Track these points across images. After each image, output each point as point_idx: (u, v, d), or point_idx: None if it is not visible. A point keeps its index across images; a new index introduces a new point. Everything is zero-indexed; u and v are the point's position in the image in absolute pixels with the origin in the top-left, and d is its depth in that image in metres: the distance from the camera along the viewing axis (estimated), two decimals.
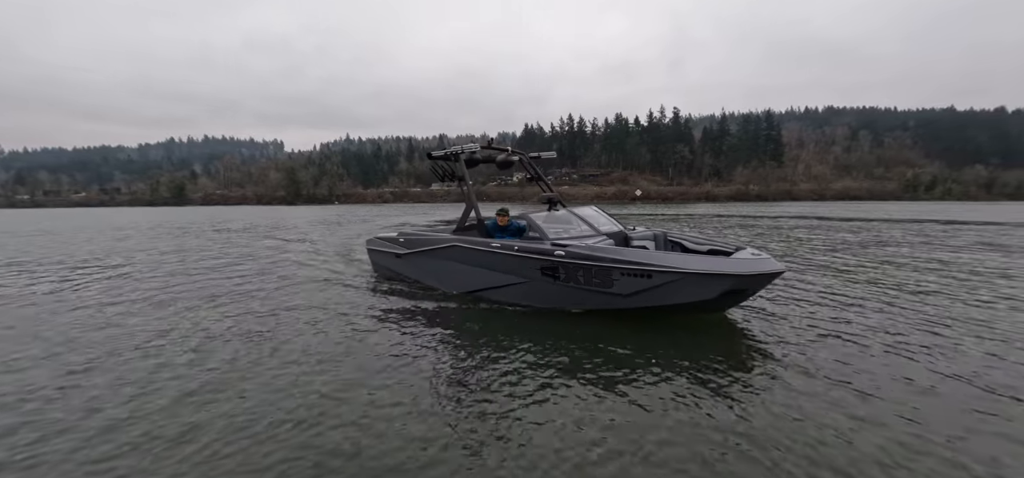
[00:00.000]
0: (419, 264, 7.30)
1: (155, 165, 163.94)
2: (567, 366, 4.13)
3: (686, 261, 4.71)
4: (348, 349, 4.70)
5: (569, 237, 5.74)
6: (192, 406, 3.48)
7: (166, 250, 13.76)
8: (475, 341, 4.89)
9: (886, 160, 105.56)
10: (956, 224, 21.53)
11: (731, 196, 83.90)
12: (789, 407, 3.34)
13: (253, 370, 4.17)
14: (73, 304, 6.82)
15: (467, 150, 6.87)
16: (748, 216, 30.79)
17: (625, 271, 4.85)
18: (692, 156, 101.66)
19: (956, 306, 6.07)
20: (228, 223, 28.27)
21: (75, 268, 10.32)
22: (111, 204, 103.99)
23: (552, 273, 5.37)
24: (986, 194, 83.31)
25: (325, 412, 3.37)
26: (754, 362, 4.22)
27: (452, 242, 6.54)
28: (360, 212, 45.77)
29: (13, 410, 3.47)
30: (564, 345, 4.63)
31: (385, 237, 8.21)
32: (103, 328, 5.53)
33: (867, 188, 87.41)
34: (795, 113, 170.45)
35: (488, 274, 6.12)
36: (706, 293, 4.65)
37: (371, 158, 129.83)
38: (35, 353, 4.68)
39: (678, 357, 4.27)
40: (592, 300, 5.31)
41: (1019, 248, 12.01)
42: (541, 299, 5.75)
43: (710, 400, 3.47)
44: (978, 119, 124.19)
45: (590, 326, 5.14)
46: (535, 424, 3.18)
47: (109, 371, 4.17)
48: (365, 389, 3.74)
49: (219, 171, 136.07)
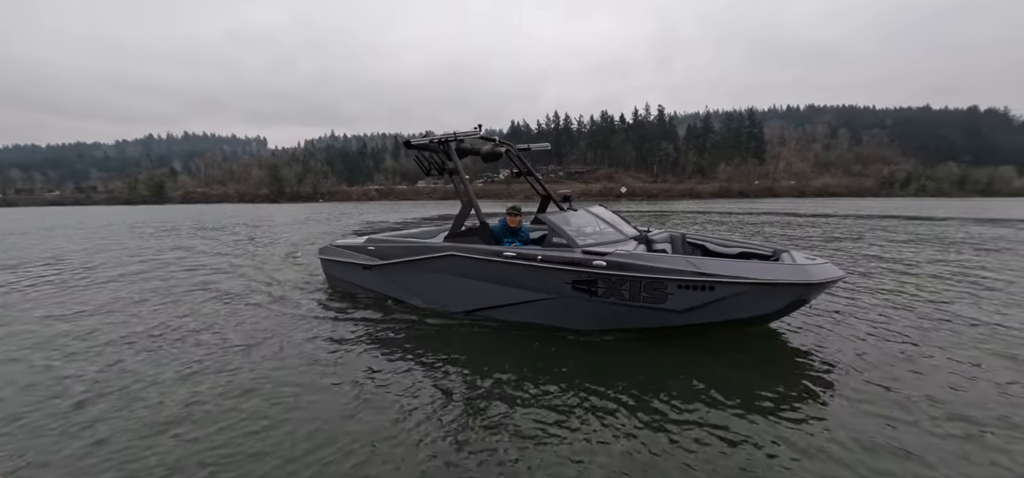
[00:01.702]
0: (399, 278, 6.03)
1: (133, 162, 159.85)
2: (608, 395, 3.57)
3: (748, 269, 4.10)
4: (301, 393, 3.72)
5: (601, 243, 4.86)
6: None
7: (78, 250, 13.33)
8: (479, 370, 4.09)
9: (864, 157, 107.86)
10: (923, 219, 22.21)
11: (714, 193, 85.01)
12: (888, 438, 2.97)
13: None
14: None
15: (462, 137, 5.76)
16: (732, 212, 31.32)
17: (683, 284, 4.16)
18: (676, 153, 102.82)
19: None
20: (181, 221, 27.79)
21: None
22: (87, 203, 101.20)
23: (587, 287, 4.54)
24: (959, 191, 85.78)
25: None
26: (818, 380, 3.86)
27: (449, 251, 5.36)
28: (342, 209, 45.38)
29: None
30: (590, 366, 4.08)
31: (347, 245, 6.82)
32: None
33: (845, 185, 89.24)
34: (777, 111, 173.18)
35: (500, 289, 5.13)
36: (773, 305, 4.19)
37: (356, 155, 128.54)
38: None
39: (733, 379, 3.81)
40: (636, 318, 4.56)
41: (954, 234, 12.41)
42: (569, 318, 4.88)
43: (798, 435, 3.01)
44: (952, 118, 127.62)
45: (616, 345, 4.55)
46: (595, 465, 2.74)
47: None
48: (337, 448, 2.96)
49: (200, 169, 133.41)
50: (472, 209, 5.49)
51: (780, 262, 4.40)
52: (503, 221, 5.69)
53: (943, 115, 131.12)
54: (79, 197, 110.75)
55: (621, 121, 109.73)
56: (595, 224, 5.38)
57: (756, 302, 4.15)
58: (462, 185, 5.56)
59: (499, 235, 5.54)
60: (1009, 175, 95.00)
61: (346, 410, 3.45)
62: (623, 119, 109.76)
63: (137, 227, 23.07)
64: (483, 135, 6.12)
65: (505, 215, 5.70)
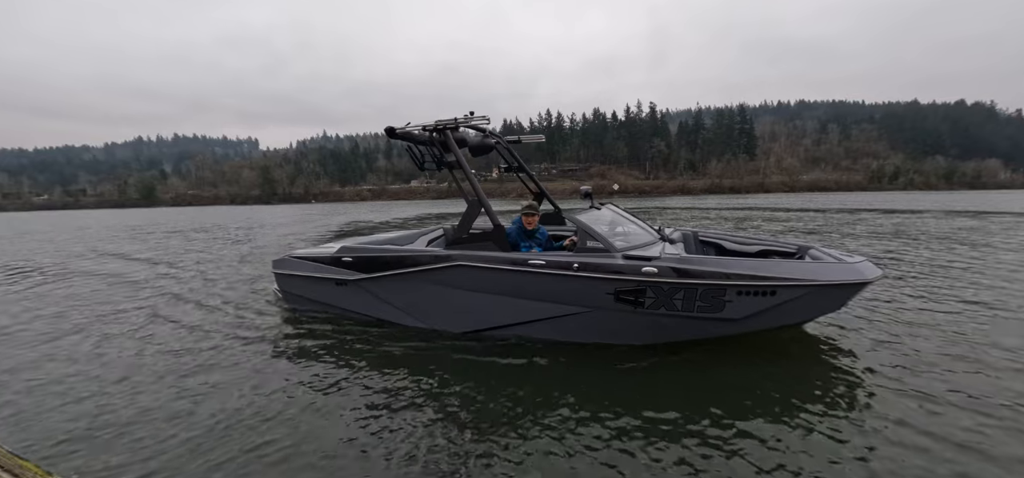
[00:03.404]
0: (388, 295, 5.04)
1: (123, 165, 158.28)
2: (654, 416, 3.18)
3: (808, 271, 3.83)
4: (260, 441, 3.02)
5: (636, 246, 4.28)
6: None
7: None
8: (509, 397, 3.51)
9: (853, 152, 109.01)
10: (905, 212, 22.58)
11: (705, 189, 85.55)
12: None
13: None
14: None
15: (461, 122, 4.89)
16: (723, 207, 31.64)
17: (743, 289, 3.77)
18: (668, 150, 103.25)
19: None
20: (157, 226, 27.69)
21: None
22: (76, 207, 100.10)
23: (633, 298, 3.99)
24: (945, 184, 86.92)
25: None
26: (868, 381, 3.67)
27: (457, 260, 4.53)
28: (333, 209, 45.28)
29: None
30: (626, 384, 3.68)
31: (312, 255, 5.58)
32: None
33: (835, 180, 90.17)
34: (768, 107, 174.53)
35: (522, 304, 4.42)
36: (830, 307, 4.01)
37: (349, 155, 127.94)
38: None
39: (774, 388, 3.51)
40: (687, 330, 4.12)
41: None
42: (606, 334, 4.31)
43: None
44: (939, 112, 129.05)
45: (649, 358, 4.10)
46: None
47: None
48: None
49: (191, 171, 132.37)
50: (482, 209, 4.65)
51: (821, 261, 4.10)
52: (518, 223, 4.99)
53: (931, 109, 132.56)
54: (68, 201, 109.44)
55: (613, 119, 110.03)
56: (623, 224, 4.80)
57: (816, 305, 3.92)
58: (468, 181, 4.75)
59: (514, 239, 4.83)
60: (995, 168, 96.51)
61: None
62: (615, 116, 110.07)
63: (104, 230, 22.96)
64: (474, 123, 5.09)
65: (520, 215, 4.98)
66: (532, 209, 4.96)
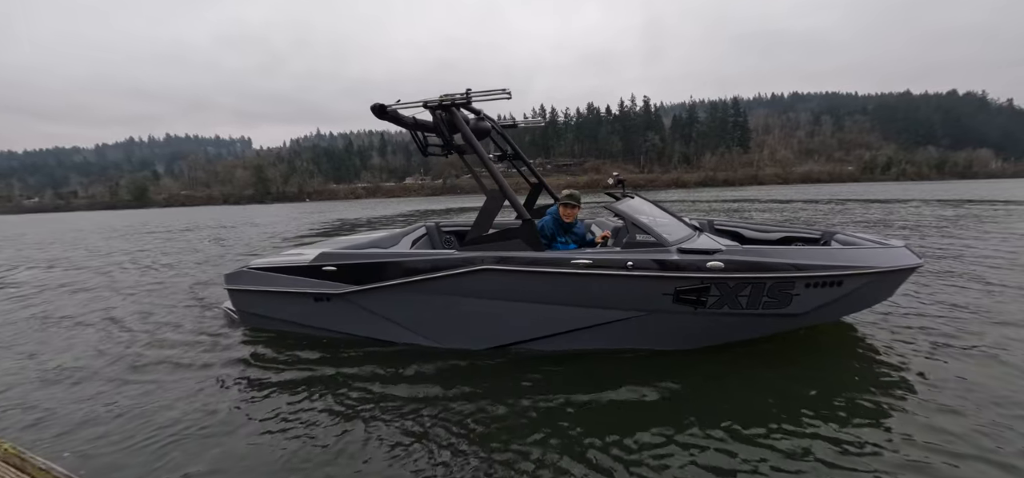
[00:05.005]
0: (386, 309, 4.19)
1: (114, 166, 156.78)
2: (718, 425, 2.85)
3: (865, 257, 3.63)
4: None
5: (684, 238, 3.80)
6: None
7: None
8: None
9: (846, 143, 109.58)
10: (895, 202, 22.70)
11: (699, 182, 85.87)
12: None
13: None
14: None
15: (469, 97, 4.11)
16: (718, 200, 31.74)
17: (812, 281, 3.47)
18: (662, 144, 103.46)
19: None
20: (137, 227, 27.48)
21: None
22: (67, 209, 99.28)
23: (694, 297, 3.54)
24: (937, 174, 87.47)
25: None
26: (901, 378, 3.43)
27: (482, 262, 3.78)
28: (326, 208, 45.09)
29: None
30: (689, 388, 3.34)
31: (277, 266, 4.54)
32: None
33: (828, 171, 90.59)
34: (762, 99, 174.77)
35: (563, 312, 3.80)
36: (885, 295, 3.89)
37: (343, 153, 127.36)
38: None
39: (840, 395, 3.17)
40: (748, 328, 3.80)
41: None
42: (660, 338, 3.83)
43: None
44: (931, 102, 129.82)
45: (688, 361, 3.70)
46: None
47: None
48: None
49: (183, 171, 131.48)
50: (509, 201, 3.98)
51: (861, 246, 3.88)
52: (554, 214, 4.37)
53: (923, 99, 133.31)
54: (59, 203, 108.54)
55: (607, 113, 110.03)
56: (660, 215, 4.22)
57: (874, 294, 3.77)
58: (486, 167, 4.10)
59: (549, 235, 4.25)
60: (986, 158, 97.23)
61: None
62: (609, 111, 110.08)
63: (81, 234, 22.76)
64: (491, 95, 4.24)
65: (557, 206, 4.38)
66: (573, 199, 4.29)
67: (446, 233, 5.81)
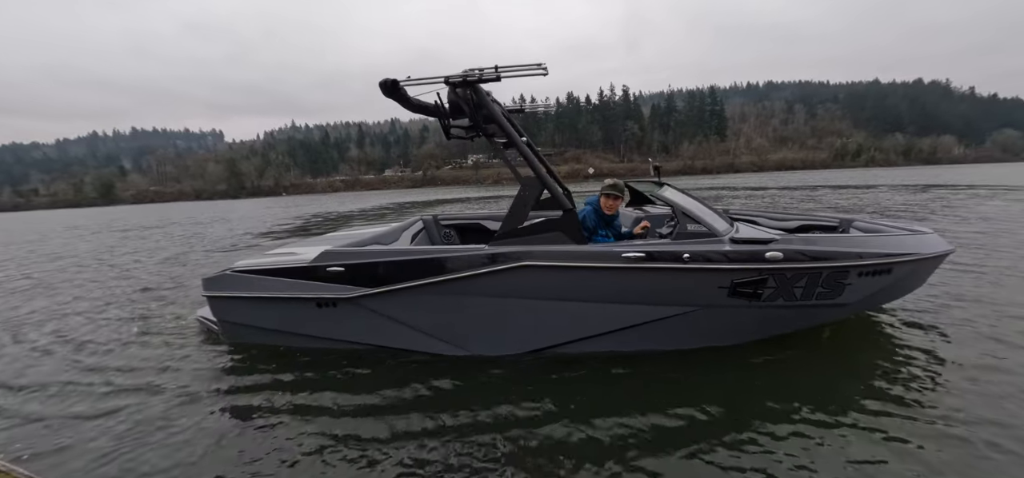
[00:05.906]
0: (405, 314, 3.76)
1: (77, 162, 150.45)
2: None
3: (908, 244, 3.62)
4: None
5: (729, 226, 3.73)
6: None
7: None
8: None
9: (819, 131, 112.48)
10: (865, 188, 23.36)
11: (678, 170, 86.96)
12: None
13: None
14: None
15: (510, 71, 3.44)
16: (696, 188, 32.10)
17: (865, 270, 3.41)
18: (641, 133, 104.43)
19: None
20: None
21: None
22: (27, 208, 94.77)
23: (751, 290, 3.38)
24: (904, 160, 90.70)
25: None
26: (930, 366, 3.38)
27: (518, 259, 3.44)
28: (303, 202, 44.07)
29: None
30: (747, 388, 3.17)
31: (268, 268, 3.96)
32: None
33: (801, 158, 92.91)
34: (738, 88, 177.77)
35: (610, 310, 3.53)
36: (922, 281, 3.92)
37: (320, 146, 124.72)
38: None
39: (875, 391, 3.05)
40: (800, 320, 3.69)
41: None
42: (712, 334, 3.64)
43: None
44: (899, 91, 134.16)
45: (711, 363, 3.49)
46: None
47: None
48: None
49: (152, 166, 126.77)
50: (546, 189, 3.61)
51: (888, 233, 3.87)
52: (594, 204, 4.10)
53: (891, 88, 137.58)
54: (19, 202, 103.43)
55: (586, 102, 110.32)
56: (697, 204, 4.02)
57: (914, 281, 3.78)
58: (519, 151, 3.77)
59: (590, 227, 4.00)
60: (949, 144, 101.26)
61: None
62: (589, 100, 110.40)
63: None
64: (527, 70, 3.63)
65: (598, 197, 4.09)
66: (616, 189, 3.99)
67: (445, 226, 5.51)
